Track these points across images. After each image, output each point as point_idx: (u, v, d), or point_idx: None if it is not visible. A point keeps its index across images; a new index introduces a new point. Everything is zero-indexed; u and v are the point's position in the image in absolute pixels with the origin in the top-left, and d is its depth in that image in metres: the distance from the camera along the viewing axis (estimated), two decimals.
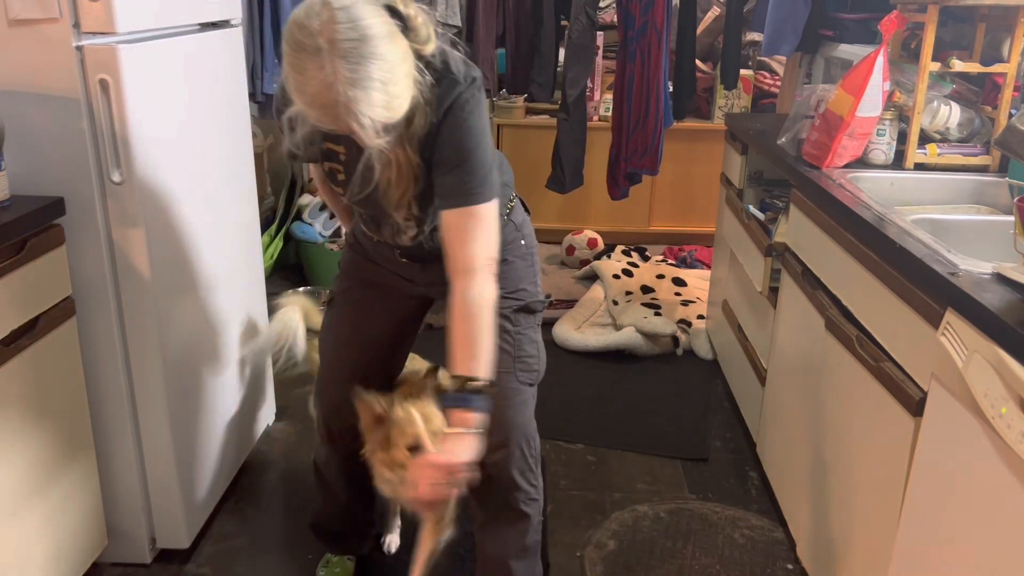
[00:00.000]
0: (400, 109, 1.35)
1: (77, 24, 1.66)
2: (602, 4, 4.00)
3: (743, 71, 4.07)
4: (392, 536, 2.18)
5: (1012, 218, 1.53)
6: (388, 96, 1.30)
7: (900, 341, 1.59)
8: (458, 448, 1.44)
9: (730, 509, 2.36)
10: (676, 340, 3.29)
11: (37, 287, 1.68)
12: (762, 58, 4.38)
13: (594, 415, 2.84)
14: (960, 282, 1.38)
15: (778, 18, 3.04)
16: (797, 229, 2.21)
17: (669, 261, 4.15)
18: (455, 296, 1.48)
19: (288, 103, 1.37)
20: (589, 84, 3.79)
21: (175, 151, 1.94)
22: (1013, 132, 1.78)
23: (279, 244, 3.82)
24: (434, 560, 1.71)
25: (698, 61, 4.03)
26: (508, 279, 1.74)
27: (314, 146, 1.57)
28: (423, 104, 1.41)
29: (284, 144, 1.60)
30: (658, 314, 3.38)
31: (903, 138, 2.21)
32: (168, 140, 1.90)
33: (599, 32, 3.90)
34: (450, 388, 1.47)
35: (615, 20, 3.64)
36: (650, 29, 3.17)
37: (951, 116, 2.21)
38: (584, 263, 4.07)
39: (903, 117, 2.22)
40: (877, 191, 2.01)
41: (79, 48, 1.67)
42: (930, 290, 1.46)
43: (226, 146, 2.25)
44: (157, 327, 1.87)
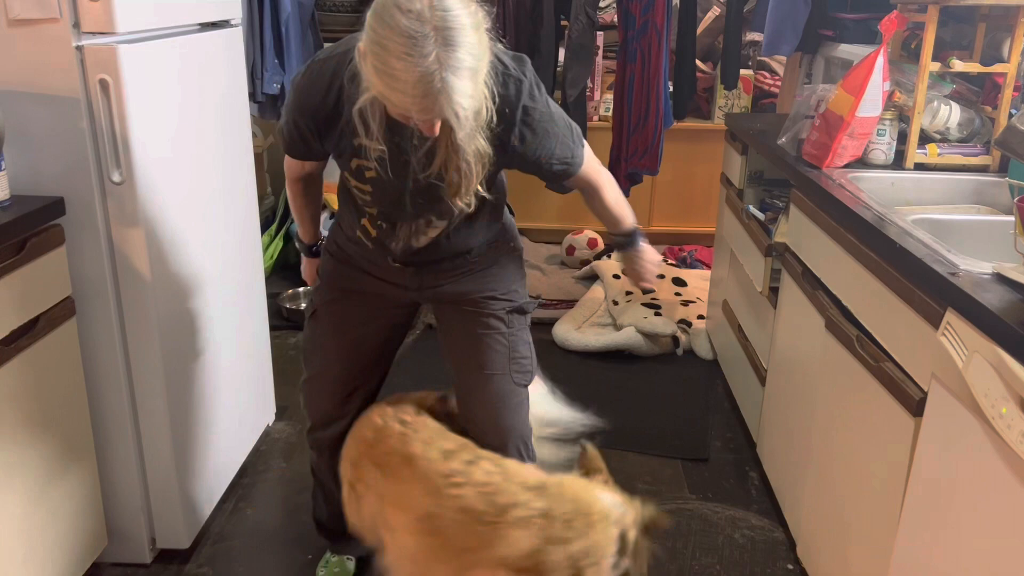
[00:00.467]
0: (479, 99, 1.35)
1: (77, 24, 1.66)
2: (602, 4, 4.00)
3: (743, 71, 4.06)
4: None
5: (1012, 218, 1.53)
6: (475, 86, 1.30)
7: (900, 341, 1.59)
8: (651, 250, 1.82)
9: (730, 509, 2.36)
10: (676, 340, 3.29)
11: (37, 287, 1.68)
12: (762, 58, 4.37)
13: (594, 415, 2.84)
14: (960, 282, 1.38)
15: (778, 18, 3.04)
16: (797, 229, 2.20)
17: (669, 261, 4.15)
18: (599, 193, 1.71)
19: (355, 93, 1.35)
20: (589, 84, 3.79)
21: (175, 151, 1.94)
22: (1013, 132, 1.78)
23: (279, 244, 3.82)
24: None
25: (698, 61, 4.02)
26: (501, 280, 1.78)
27: (343, 140, 1.52)
28: (487, 97, 1.40)
29: (291, 138, 1.59)
30: (658, 314, 3.38)
31: (903, 138, 2.21)
32: (168, 140, 1.90)
33: (599, 32, 3.90)
34: (623, 234, 1.81)
35: (615, 20, 3.64)
36: (650, 29, 3.17)
37: (951, 116, 2.21)
38: (584, 263, 4.07)
39: (903, 117, 2.22)
40: (877, 191, 2.00)
41: (79, 48, 1.67)
42: (930, 290, 1.46)
43: (226, 146, 2.25)
44: (157, 327, 1.87)
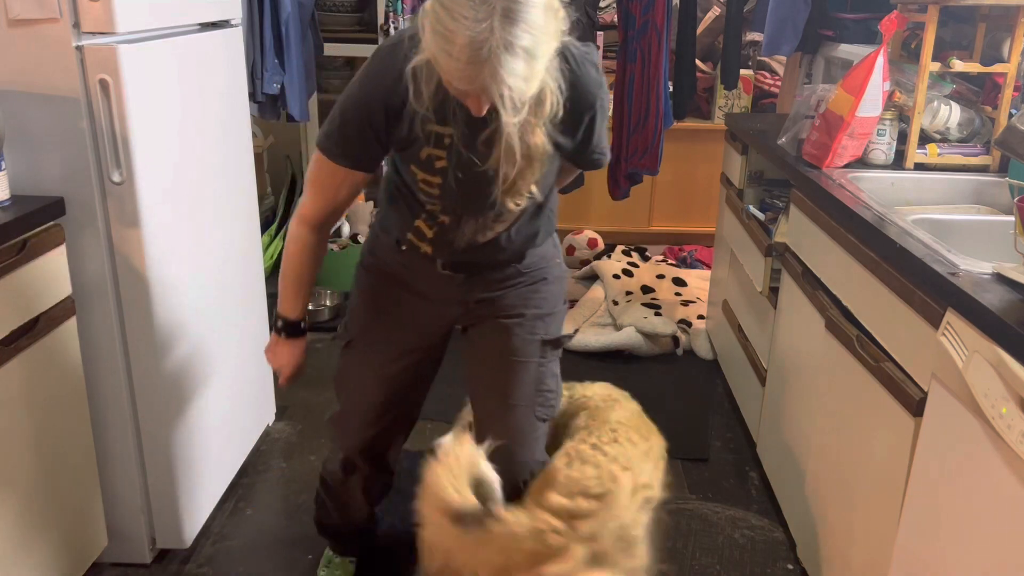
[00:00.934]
0: (533, 87, 1.27)
1: (77, 24, 1.66)
2: (602, 4, 4.00)
3: (743, 71, 4.06)
4: None
5: (1012, 218, 1.53)
6: (530, 70, 1.23)
7: (900, 341, 1.59)
8: None
9: (730, 509, 2.36)
10: (676, 340, 3.29)
11: (37, 287, 1.68)
12: (762, 58, 4.37)
13: None
14: (960, 282, 1.38)
15: (778, 18, 3.04)
16: (797, 229, 2.20)
17: (669, 261, 4.15)
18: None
19: (414, 51, 1.28)
20: None
21: (175, 151, 1.94)
22: (1013, 132, 1.78)
23: (279, 244, 3.82)
24: None
25: (698, 61, 4.02)
26: (547, 299, 1.69)
27: (415, 128, 1.44)
28: (554, 90, 1.34)
29: (346, 137, 1.46)
30: (658, 314, 3.38)
31: (903, 138, 2.21)
32: (168, 140, 1.90)
33: (599, 32, 3.90)
34: None
35: (615, 20, 3.64)
36: (650, 29, 3.17)
37: (951, 116, 2.21)
38: (584, 263, 4.06)
39: (903, 117, 2.22)
40: (877, 191, 2.00)
41: (79, 48, 1.66)
42: (930, 290, 1.46)
43: (226, 146, 2.25)
44: (157, 327, 1.87)
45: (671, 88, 3.42)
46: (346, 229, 3.79)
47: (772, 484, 2.36)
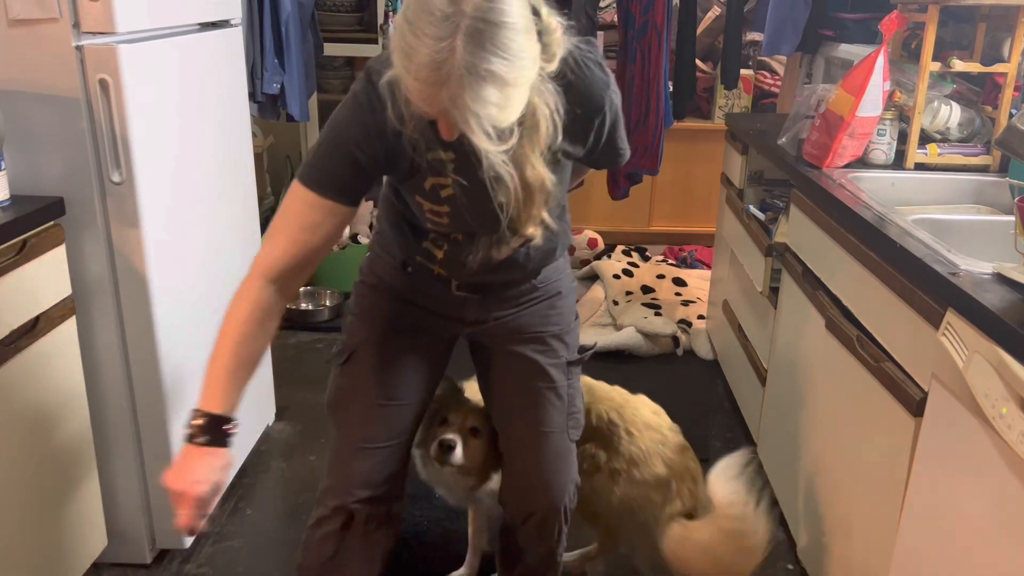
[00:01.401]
0: (509, 114, 1.15)
1: (77, 24, 1.66)
2: (602, 4, 4.00)
3: (743, 71, 4.06)
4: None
5: (1012, 218, 1.53)
6: (502, 96, 1.11)
7: (900, 341, 1.59)
8: None
9: None
10: (676, 340, 3.29)
11: (37, 287, 1.68)
12: (762, 58, 4.37)
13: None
14: (960, 282, 1.38)
15: (778, 18, 3.04)
16: (797, 229, 2.20)
17: (669, 261, 4.15)
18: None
19: (389, 65, 1.16)
20: None
21: (175, 151, 1.94)
22: (1013, 132, 1.78)
23: None
24: None
25: (698, 61, 4.02)
26: (563, 315, 1.61)
27: (418, 157, 1.31)
28: (548, 115, 1.24)
29: (332, 165, 1.31)
30: (658, 314, 3.38)
31: (903, 138, 2.21)
32: (168, 140, 1.90)
33: (599, 32, 3.90)
34: None
35: (615, 20, 3.64)
36: (650, 29, 3.17)
37: (951, 116, 2.21)
38: (584, 263, 4.06)
39: (903, 117, 2.22)
40: (877, 191, 2.00)
41: (79, 48, 1.67)
42: (930, 290, 1.46)
43: (226, 146, 2.25)
44: (157, 327, 1.87)
45: (671, 88, 3.42)
46: (346, 230, 3.78)
47: (772, 484, 2.36)
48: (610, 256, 4.09)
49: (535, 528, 1.66)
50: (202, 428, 1.32)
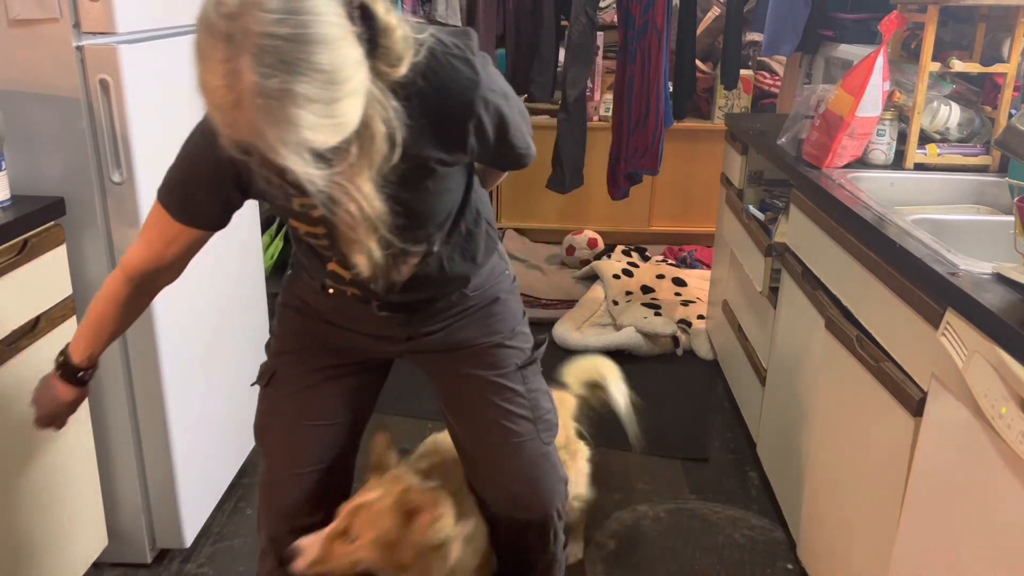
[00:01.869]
0: (335, 135, 1.03)
1: (77, 24, 1.66)
2: (602, 4, 4.00)
3: (743, 71, 4.06)
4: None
5: (1012, 218, 1.53)
6: (309, 115, 0.98)
7: (900, 341, 1.59)
8: None
9: (730, 509, 2.36)
10: (676, 340, 3.29)
11: (37, 287, 1.68)
12: (762, 58, 4.37)
13: (594, 415, 2.84)
14: (960, 282, 1.38)
15: (778, 18, 3.04)
16: (797, 229, 2.21)
17: (669, 261, 4.15)
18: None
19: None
20: (589, 84, 3.78)
21: (175, 151, 1.93)
22: (1013, 132, 1.78)
23: (279, 244, 3.82)
24: None
25: (698, 61, 4.02)
26: (505, 319, 1.53)
27: (275, 179, 1.14)
28: (383, 130, 1.10)
29: (185, 190, 1.28)
30: (658, 314, 3.38)
31: (903, 138, 2.21)
32: (168, 140, 1.89)
33: (599, 32, 3.90)
34: None
35: (615, 20, 3.64)
36: (650, 29, 3.17)
37: (951, 116, 2.21)
38: (584, 263, 4.07)
39: (903, 117, 2.22)
40: (877, 191, 2.00)
41: (79, 48, 1.67)
42: (930, 290, 1.46)
43: None
44: (157, 327, 1.87)
45: (671, 88, 3.42)
46: None
47: (772, 484, 2.36)
48: (610, 256, 4.09)
49: (535, 537, 1.66)
50: (60, 365, 1.49)
